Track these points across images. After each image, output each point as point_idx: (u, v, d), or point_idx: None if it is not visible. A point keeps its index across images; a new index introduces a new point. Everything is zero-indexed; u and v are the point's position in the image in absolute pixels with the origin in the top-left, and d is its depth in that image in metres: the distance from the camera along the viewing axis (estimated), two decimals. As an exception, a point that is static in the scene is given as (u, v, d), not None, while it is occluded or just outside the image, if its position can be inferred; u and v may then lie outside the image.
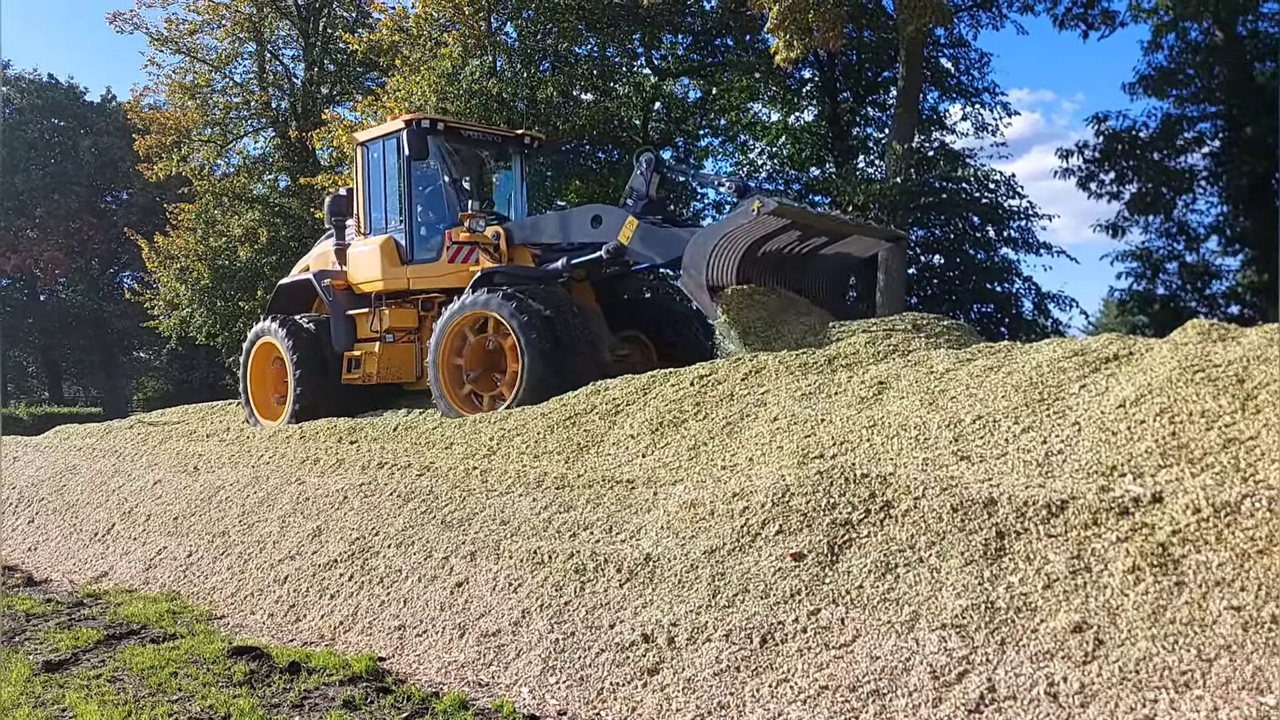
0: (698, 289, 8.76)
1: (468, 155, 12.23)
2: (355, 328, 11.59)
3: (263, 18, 28.11)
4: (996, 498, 4.36)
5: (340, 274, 11.92)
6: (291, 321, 11.82)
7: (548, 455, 7.16)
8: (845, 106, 26.29)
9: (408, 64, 21.15)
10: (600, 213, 10.10)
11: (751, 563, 4.78)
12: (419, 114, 12.35)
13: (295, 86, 29.57)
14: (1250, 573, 3.48)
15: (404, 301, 11.35)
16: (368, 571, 6.46)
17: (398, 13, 22.61)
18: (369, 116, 21.98)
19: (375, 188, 11.76)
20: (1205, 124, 22.77)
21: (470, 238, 10.48)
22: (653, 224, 9.70)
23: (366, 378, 11.27)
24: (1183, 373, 4.79)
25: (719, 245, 8.68)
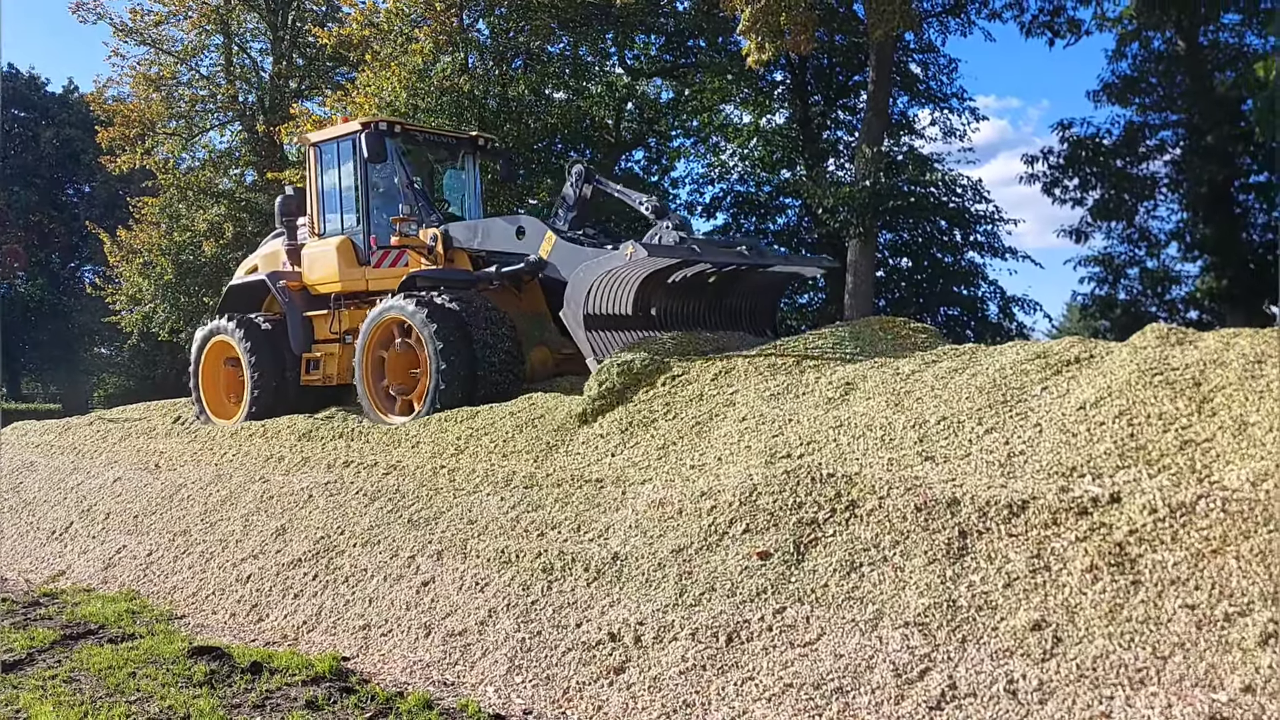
0: (575, 324, 8.64)
1: (422, 157, 12.26)
2: (313, 329, 11.54)
3: (230, 10, 27.80)
4: (959, 498, 4.42)
5: (294, 275, 11.81)
6: (248, 321, 11.71)
7: (516, 454, 7.15)
8: (816, 109, 26.44)
9: (378, 59, 20.99)
10: (524, 224, 10.07)
11: (719, 561, 4.81)
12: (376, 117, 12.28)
13: (263, 80, 29.26)
14: (1204, 572, 3.55)
15: (362, 302, 11.24)
16: (332, 571, 6.42)
17: (368, 7, 22.38)
18: (338, 112, 21.80)
19: (330, 188, 11.70)
20: (1167, 132, 23.13)
21: (401, 241, 10.52)
22: (572, 240, 9.60)
23: (326, 379, 11.24)
24: (1141, 376, 4.87)
25: (601, 282, 8.55)
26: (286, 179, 22.65)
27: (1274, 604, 3.34)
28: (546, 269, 9.70)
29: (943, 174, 22.72)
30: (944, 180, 22.28)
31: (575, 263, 9.12)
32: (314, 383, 11.32)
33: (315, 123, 21.57)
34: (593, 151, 23.32)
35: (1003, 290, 23.37)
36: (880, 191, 19.72)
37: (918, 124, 26.56)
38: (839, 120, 27.02)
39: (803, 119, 26.02)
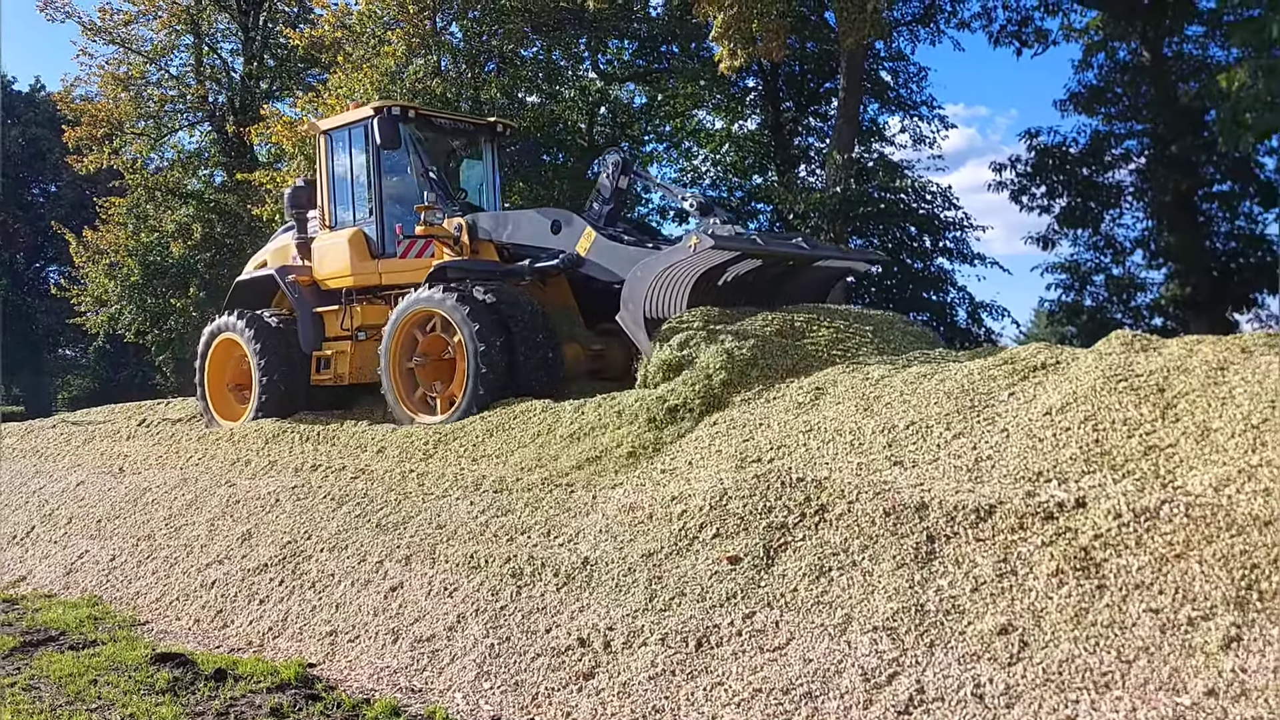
0: (635, 325, 8.17)
1: (438, 144, 11.66)
2: (323, 326, 11.06)
3: (201, 10, 27.55)
4: (928, 502, 4.44)
5: (304, 269, 11.33)
6: (257, 317, 11.17)
7: (486, 458, 7.12)
8: (788, 116, 26.58)
9: (350, 61, 20.87)
10: (560, 218, 9.60)
11: (688, 566, 4.80)
12: (389, 101, 11.64)
13: (234, 81, 29.00)
14: (1168, 576, 3.58)
15: (376, 298, 10.81)
16: (299, 576, 6.36)
17: (340, 9, 22.26)
18: (310, 113, 21.66)
19: (341, 178, 11.21)
20: (1132, 141, 23.41)
21: (426, 231, 9.95)
22: (613, 237, 9.17)
23: (338, 378, 10.76)
24: (1106, 382, 4.92)
25: (659, 279, 8.09)
26: (256, 180, 22.50)
27: (1236, 608, 3.37)
28: (584, 266, 9.25)
29: (912, 181, 22.91)
30: (914, 187, 22.46)
31: (616, 261, 8.82)
32: (324, 382, 10.87)
33: (286, 124, 21.45)
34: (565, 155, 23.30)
35: (972, 296, 23.59)
36: (851, 198, 19.84)
37: (888, 131, 26.81)
38: (810, 127, 27.19)
39: (774, 125, 26.15)
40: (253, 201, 23.32)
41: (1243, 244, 21.80)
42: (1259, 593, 3.40)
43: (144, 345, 28.17)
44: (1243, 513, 3.70)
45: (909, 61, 25.74)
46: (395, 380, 9.51)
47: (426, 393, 9.50)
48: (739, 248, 8.19)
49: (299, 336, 10.98)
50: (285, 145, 21.34)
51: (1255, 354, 4.94)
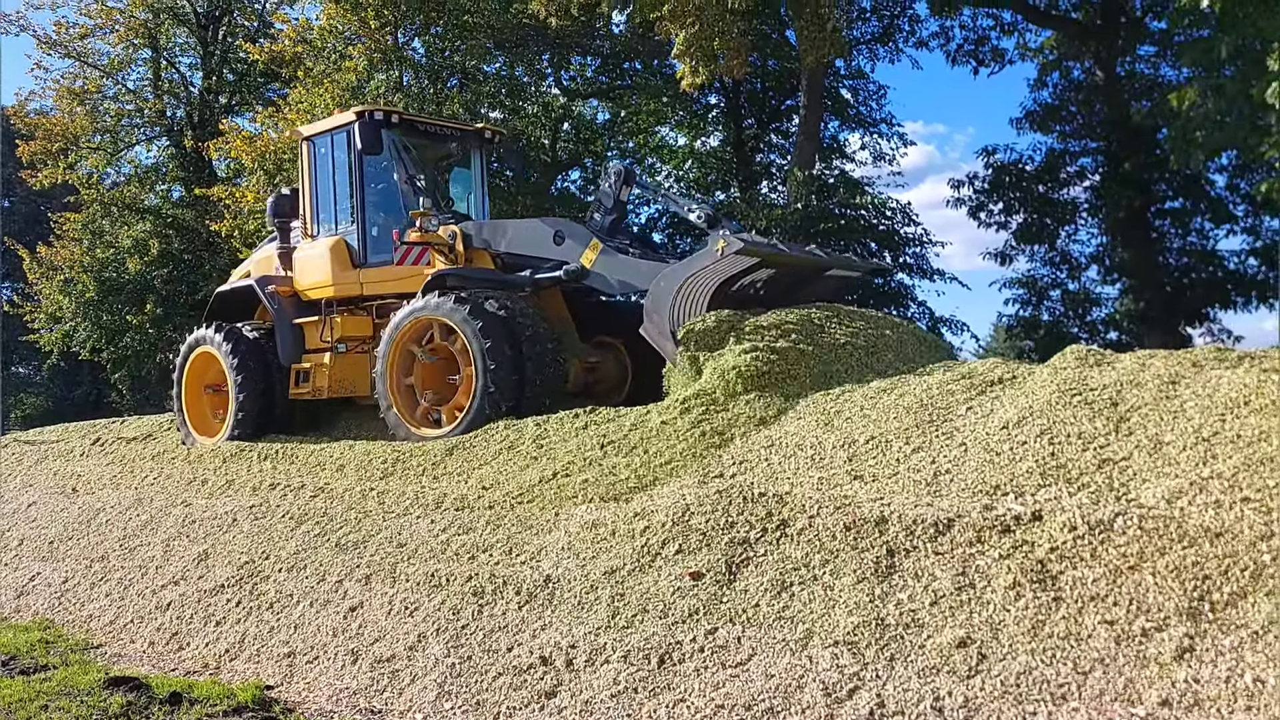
0: (661, 337, 7.90)
1: (424, 150, 11.30)
2: (303, 337, 10.71)
3: (159, 24, 27.28)
4: (887, 516, 4.47)
5: (285, 279, 10.99)
6: (233, 329, 10.83)
7: (447, 476, 7.08)
8: (750, 133, 26.78)
9: (310, 76, 20.77)
10: (563, 229, 9.38)
11: (651, 583, 4.80)
12: (372, 105, 11.31)
13: (192, 95, 28.74)
14: (1122, 588, 3.63)
15: (357, 308, 10.56)
16: (256, 597, 6.28)
17: (301, 24, 22.14)
18: (269, 128, 21.51)
19: (323, 186, 10.92)
20: (1086, 159, 23.84)
21: (422, 238, 9.65)
22: (618, 249, 8.99)
23: (317, 391, 10.42)
24: (1061, 396, 4.99)
25: (684, 288, 7.85)
26: (215, 195, 22.29)
27: (1189, 619, 3.43)
28: (588, 279, 9.04)
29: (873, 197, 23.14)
30: (874, 203, 22.69)
31: (622, 274, 8.70)
32: (303, 395, 10.54)
33: (245, 139, 21.29)
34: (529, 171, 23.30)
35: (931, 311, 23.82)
36: (812, 214, 20.02)
37: (848, 148, 27.09)
38: (772, 143, 27.41)
39: (736, 142, 26.34)
40: (211, 217, 23.07)
41: (1194, 259, 22.23)
42: (1210, 603, 3.45)
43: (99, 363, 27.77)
44: (1194, 524, 3.77)
45: (868, 79, 26.10)
46: (394, 393, 9.18)
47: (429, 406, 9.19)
48: (765, 253, 8.06)
49: (278, 349, 10.64)
50: (244, 160, 21.15)
51: (1206, 368, 5.04)
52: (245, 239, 21.64)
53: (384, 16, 20.40)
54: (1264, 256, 21.54)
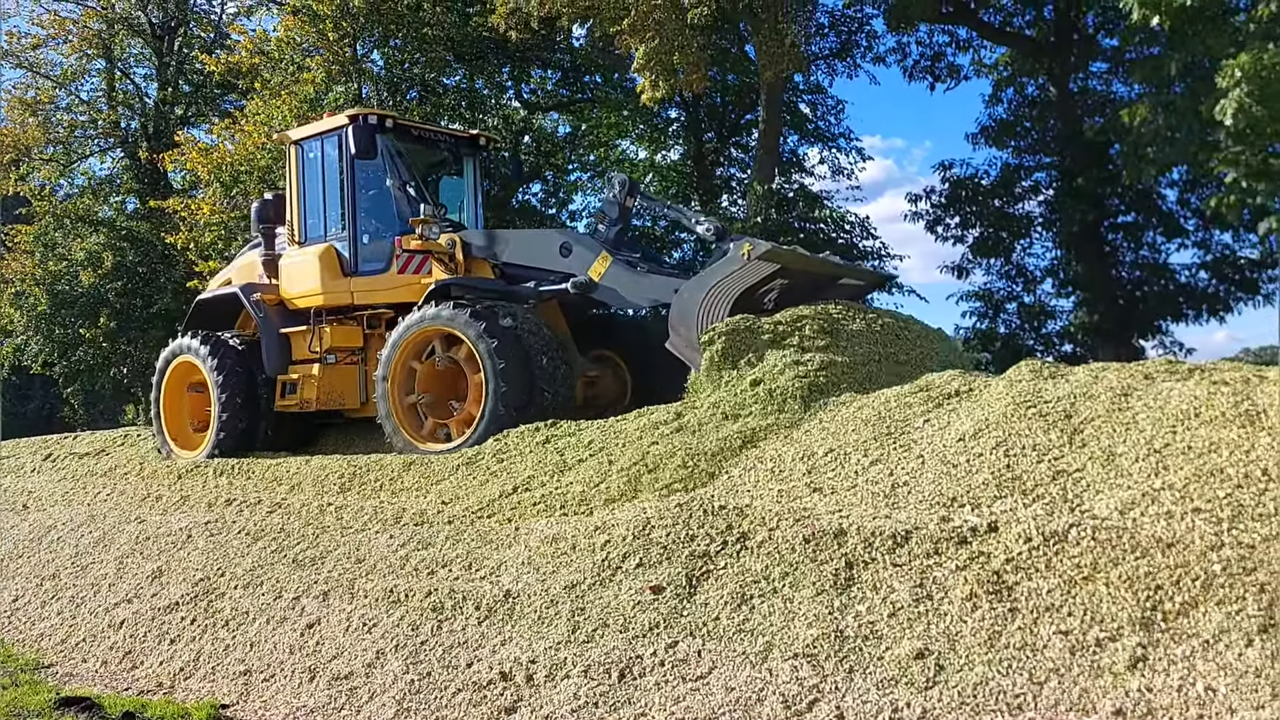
0: (689, 349, 7.67)
1: (417, 156, 11.02)
2: (290, 348, 10.37)
3: (113, 35, 26.94)
4: (846, 528, 4.50)
5: (271, 287, 10.67)
6: (217, 338, 10.46)
7: (406, 491, 7.03)
8: (710, 146, 26.90)
9: (268, 88, 20.61)
10: (570, 241, 9.21)
11: (611, 596, 4.79)
12: (365, 109, 10.95)
13: (147, 106, 28.38)
14: (1076, 598, 3.68)
15: (346, 318, 10.25)
16: (212, 614, 6.18)
17: (258, 35, 21.97)
18: (226, 140, 21.31)
19: (312, 191, 10.60)
20: (1041, 173, 24.20)
21: (423, 245, 9.43)
22: (628, 263, 8.82)
23: (304, 404, 10.04)
24: (1016, 408, 5.06)
25: (709, 296, 7.68)
26: (170, 207, 22.01)
27: (1142, 629, 3.48)
28: (596, 292, 8.83)
29: (831, 211, 23.36)
30: (833, 217, 22.89)
31: (631, 288, 8.54)
32: (289, 408, 10.17)
33: (202, 150, 21.07)
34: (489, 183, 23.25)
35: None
36: (772, 227, 20.12)
37: (807, 162, 27.29)
38: (732, 157, 27.56)
39: (697, 155, 26.45)
40: (167, 229, 22.78)
41: (1147, 273, 22.62)
42: (1163, 613, 3.51)
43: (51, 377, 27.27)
44: (1146, 535, 3.83)
45: (827, 94, 26.36)
46: (396, 407, 8.92)
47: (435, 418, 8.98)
48: (789, 259, 7.91)
49: (263, 359, 10.30)
50: (201, 172, 20.93)
51: (1157, 380, 5.13)
52: (201, 251, 21.40)
53: (342, 28, 20.30)
54: (1214, 270, 21.98)
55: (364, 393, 10.15)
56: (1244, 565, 3.55)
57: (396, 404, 8.91)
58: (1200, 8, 12.83)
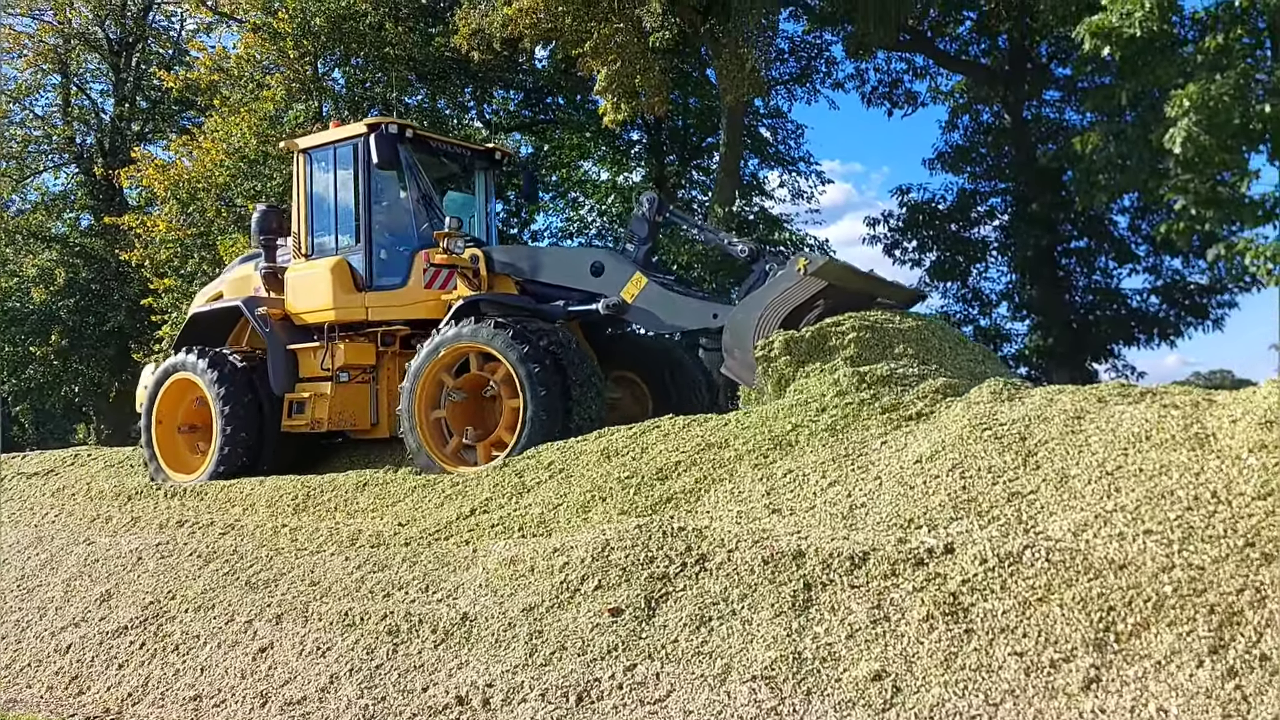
0: (746, 369, 7.39)
1: (431, 168, 10.57)
2: (297, 365, 9.88)
3: (69, 49, 26.63)
4: (804, 550, 4.51)
5: (275, 301, 10.12)
6: (219, 354, 9.94)
7: (362, 512, 6.95)
8: (671, 169, 27.05)
9: (227, 104, 20.46)
10: (603, 260, 8.84)
11: (570, 619, 4.75)
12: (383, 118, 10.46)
13: (103, 122, 28.05)
14: (1031, 619, 3.71)
15: (358, 335, 9.79)
16: (162, 638, 6.06)
17: (218, 52, 21.81)
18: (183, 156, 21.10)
19: (322, 202, 10.15)
20: (996, 199, 24.65)
21: (447, 259, 9.02)
22: (663, 284, 8.55)
23: (315, 424, 9.54)
24: (972, 430, 5.11)
25: (765, 315, 7.45)
26: (126, 224, 21.74)
27: (1095, 650, 3.51)
28: (628, 313, 8.56)
29: (791, 234, 23.56)
30: (793, 240, 23.09)
31: (667, 310, 8.30)
32: (298, 428, 9.68)
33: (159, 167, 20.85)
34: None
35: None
36: (732, 250, 20.26)
37: (768, 185, 27.55)
38: (693, 180, 27.74)
39: (659, 177, 26.58)
40: (121, 246, 22.48)
41: (1099, 297, 23.04)
42: (1115, 634, 3.55)
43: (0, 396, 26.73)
44: (1099, 556, 3.87)
45: (787, 119, 26.65)
46: (422, 429, 8.53)
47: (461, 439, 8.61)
48: (841, 275, 7.67)
49: (270, 377, 9.81)
50: (157, 189, 20.70)
51: (1110, 403, 5.20)
52: (157, 269, 21.14)
53: (303, 46, 20.22)
54: (1165, 295, 22.44)
55: (375, 413, 9.81)
56: (1194, 586, 3.60)
57: (423, 428, 8.55)
58: (1149, 39, 13.14)
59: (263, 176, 19.77)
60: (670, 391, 9.69)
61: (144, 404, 10.43)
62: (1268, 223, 13.46)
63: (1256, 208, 13.40)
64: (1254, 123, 12.45)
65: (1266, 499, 4.00)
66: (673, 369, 9.93)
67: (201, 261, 20.32)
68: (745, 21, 17.42)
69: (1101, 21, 13.03)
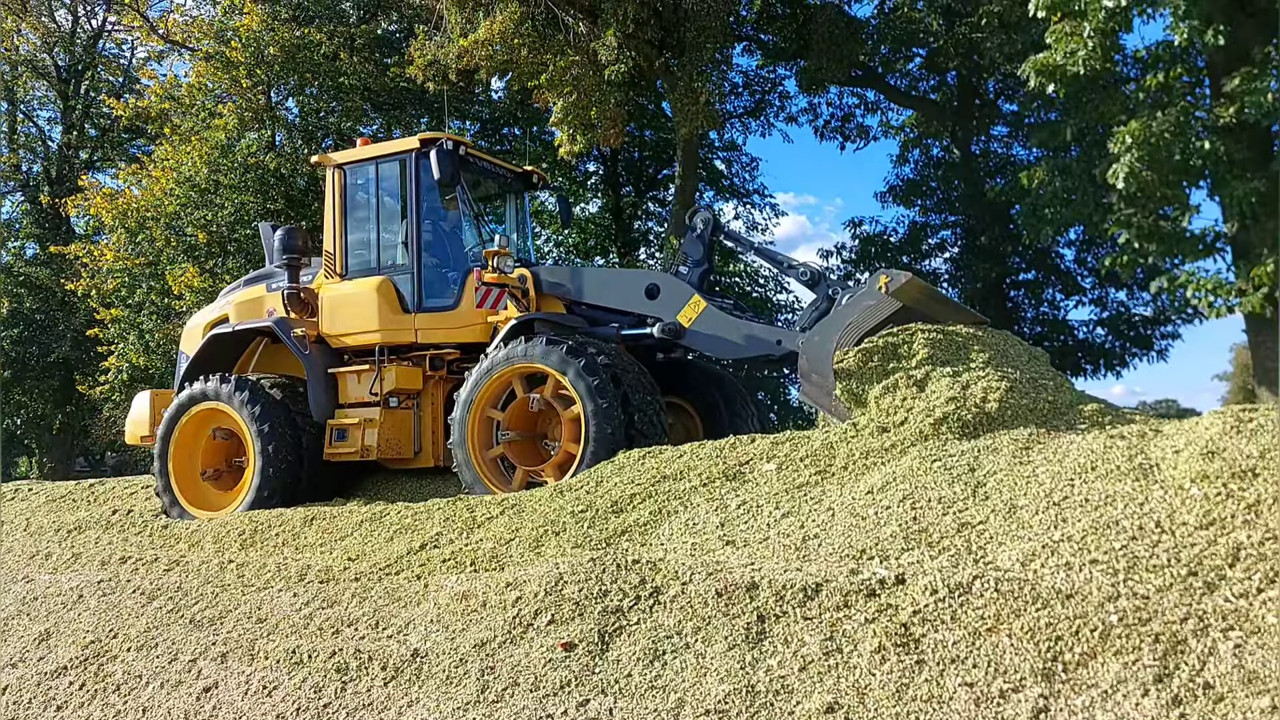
0: (827, 396, 7.07)
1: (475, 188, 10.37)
2: (338, 390, 9.50)
3: (16, 77, 26.27)
4: (758, 581, 4.50)
5: (308, 324, 9.65)
6: (252, 382, 9.39)
7: (310, 548, 6.84)
8: (628, 200, 27.24)
9: (178, 133, 20.27)
10: (659, 282, 8.57)
11: (522, 654, 4.70)
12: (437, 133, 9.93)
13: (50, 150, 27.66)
14: (981, 650, 3.74)
15: (404, 358, 9.40)
16: (103, 678, 5.89)
17: (169, 80, 21.63)
18: (133, 185, 20.85)
19: (362, 220, 9.76)
20: (946, 231, 25.11)
21: (498, 279, 8.68)
22: (723, 308, 8.37)
23: (365, 451, 9.07)
24: (923, 461, 5.16)
25: (842, 339, 7.15)
26: (72, 253, 21.39)
27: (1043, 679, 3.54)
28: (685, 338, 8.32)
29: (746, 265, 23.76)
30: (747, 271, 23.29)
31: (726, 334, 8.07)
32: (344, 457, 9.20)
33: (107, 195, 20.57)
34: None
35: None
36: (688, 280, 20.36)
37: (723, 217, 27.78)
38: (649, 211, 27.96)
39: (615, 209, 26.75)
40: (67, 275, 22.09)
41: (1047, 328, 23.46)
42: (1063, 664, 3.58)
43: (-62, 427, 26.05)
44: (1047, 586, 3.91)
45: (741, 152, 26.99)
46: (474, 451, 8.24)
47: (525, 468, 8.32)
48: (920, 294, 7.36)
49: (310, 403, 9.36)
50: (105, 218, 20.41)
51: (1057, 434, 5.28)
52: (103, 298, 20.80)
53: (256, 76, 20.12)
54: (1110, 326, 22.91)
55: (418, 441, 9.44)
56: (1139, 616, 3.65)
57: (475, 450, 8.26)
58: (1093, 77, 13.49)
59: (214, 206, 19.59)
60: (722, 416, 9.47)
61: (158, 436, 9.75)
62: (1208, 256, 13.83)
63: (1197, 241, 13.77)
64: (1194, 159, 12.80)
65: (1209, 528, 4.07)
66: (723, 393, 9.73)
67: (150, 291, 20.04)
68: (699, 56, 17.65)
69: (1046, 59, 13.36)
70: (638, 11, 16.42)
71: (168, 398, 10.38)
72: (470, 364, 8.76)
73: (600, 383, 7.71)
